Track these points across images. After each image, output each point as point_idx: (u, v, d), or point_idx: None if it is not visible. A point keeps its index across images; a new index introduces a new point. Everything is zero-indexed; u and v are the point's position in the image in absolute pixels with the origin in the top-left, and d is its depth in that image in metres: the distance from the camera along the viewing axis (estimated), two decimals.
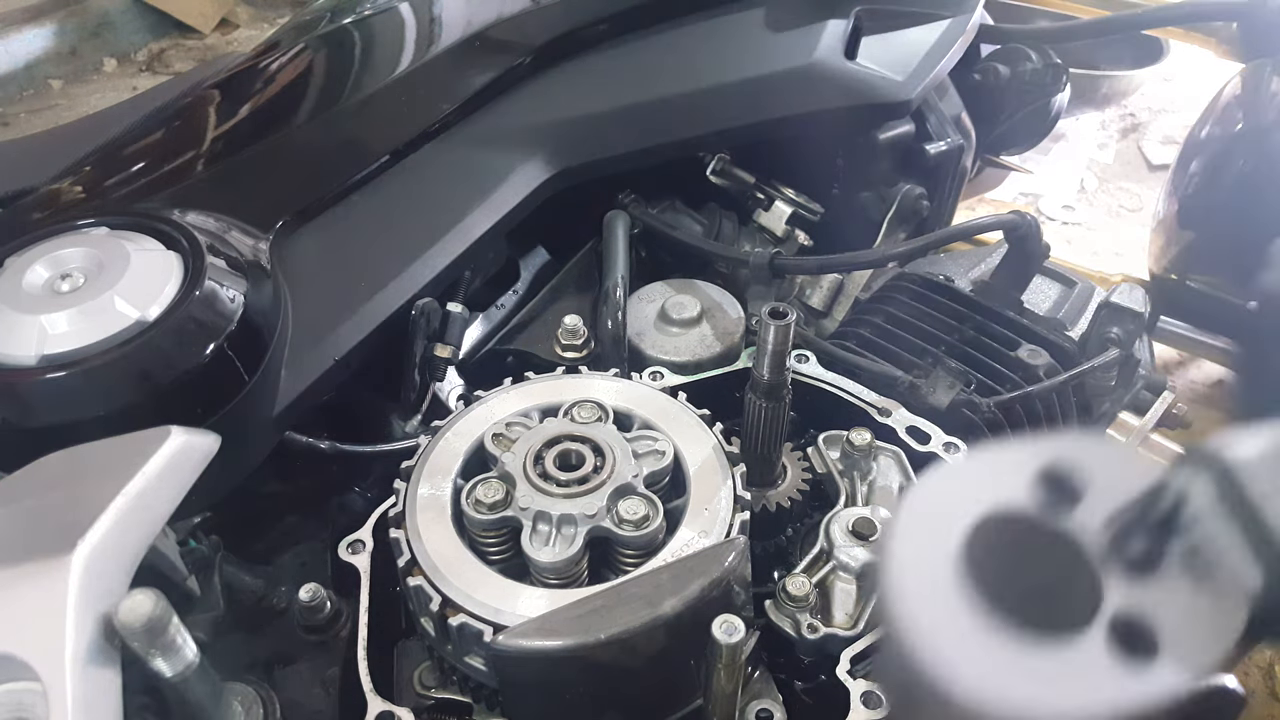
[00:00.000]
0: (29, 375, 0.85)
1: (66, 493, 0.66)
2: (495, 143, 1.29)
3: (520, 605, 0.74)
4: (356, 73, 1.46)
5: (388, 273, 1.12)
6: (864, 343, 1.21)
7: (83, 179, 1.22)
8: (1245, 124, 1.68)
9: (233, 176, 1.21)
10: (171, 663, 0.59)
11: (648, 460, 0.83)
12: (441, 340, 1.14)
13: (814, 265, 1.34)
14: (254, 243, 1.07)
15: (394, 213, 1.20)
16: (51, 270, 0.93)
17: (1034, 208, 3.41)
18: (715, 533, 0.78)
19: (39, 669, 0.55)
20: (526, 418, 0.89)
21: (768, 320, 0.85)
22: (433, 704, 0.83)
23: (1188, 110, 3.74)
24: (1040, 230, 1.24)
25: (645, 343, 1.17)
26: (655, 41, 1.44)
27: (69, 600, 0.57)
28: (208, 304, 0.92)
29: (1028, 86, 1.73)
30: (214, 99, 1.37)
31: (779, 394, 0.91)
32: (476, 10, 1.51)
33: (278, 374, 0.99)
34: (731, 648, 0.67)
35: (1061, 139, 3.76)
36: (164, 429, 0.69)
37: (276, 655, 0.92)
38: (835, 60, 1.37)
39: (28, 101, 4.59)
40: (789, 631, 0.83)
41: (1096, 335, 1.21)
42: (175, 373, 0.89)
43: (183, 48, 5.08)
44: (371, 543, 0.87)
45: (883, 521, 0.86)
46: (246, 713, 0.79)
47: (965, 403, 1.09)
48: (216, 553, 0.94)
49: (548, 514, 0.77)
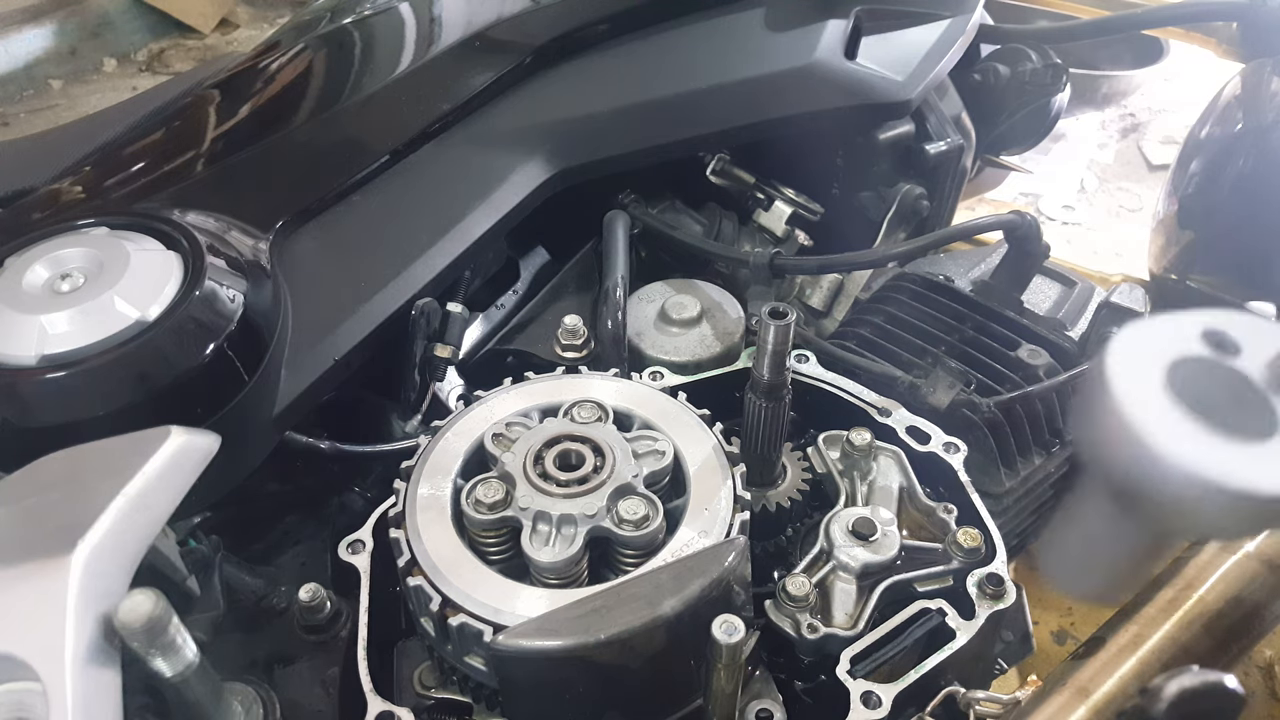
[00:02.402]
0: (29, 375, 0.85)
1: (66, 493, 0.66)
2: (495, 143, 1.29)
3: (520, 605, 0.74)
4: (356, 73, 1.46)
5: (388, 273, 1.12)
6: (864, 343, 1.21)
7: (83, 179, 1.22)
8: (1245, 124, 1.68)
9: (233, 176, 1.21)
10: (171, 663, 0.59)
11: (648, 460, 0.83)
12: (441, 340, 1.14)
13: (814, 265, 1.33)
14: (254, 243, 1.07)
15: (394, 213, 1.20)
16: (51, 270, 0.93)
17: (1034, 208, 3.41)
18: (715, 533, 0.78)
19: (39, 669, 0.55)
20: (526, 418, 0.89)
21: (768, 320, 0.85)
22: (433, 704, 0.83)
23: (1188, 110, 3.74)
24: (1040, 230, 1.24)
25: (645, 343, 1.17)
26: (655, 41, 1.44)
27: (69, 600, 0.57)
28: (208, 304, 0.92)
29: (1028, 86, 1.73)
30: (214, 99, 1.37)
31: (779, 394, 0.91)
32: (476, 10, 1.51)
33: (278, 374, 0.99)
34: (731, 648, 0.67)
35: (1061, 139, 3.76)
36: (164, 429, 0.69)
37: (276, 655, 0.92)
38: (835, 60, 1.37)
39: (28, 101, 4.59)
40: (789, 631, 0.83)
41: (1096, 335, 1.21)
42: (175, 373, 0.89)
43: (183, 48, 5.08)
44: (371, 543, 0.87)
45: (1098, 360, 0.68)
46: (246, 713, 0.79)
47: (965, 403, 1.09)
48: (216, 553, 0.94)
49: (548, 514, 0.77)
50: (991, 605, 0.84)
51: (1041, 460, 1.16)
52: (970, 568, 0.87)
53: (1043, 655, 1.91)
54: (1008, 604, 0.84)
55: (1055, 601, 2.08)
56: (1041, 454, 1.16)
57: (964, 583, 0.86)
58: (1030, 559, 1.48)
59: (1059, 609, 2.07)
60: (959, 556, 0.87)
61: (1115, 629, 0.87)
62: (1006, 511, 1.13)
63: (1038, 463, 1.15)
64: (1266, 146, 1.59)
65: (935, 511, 0.93)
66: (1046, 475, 1.18)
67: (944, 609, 0.84)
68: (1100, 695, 0.79)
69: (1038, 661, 1.80)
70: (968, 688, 0.82)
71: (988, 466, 1.11)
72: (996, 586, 0.85)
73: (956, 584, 0.87)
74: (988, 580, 0.85)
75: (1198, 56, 2.08)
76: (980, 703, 0.81)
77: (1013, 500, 1.14)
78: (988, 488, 1.10)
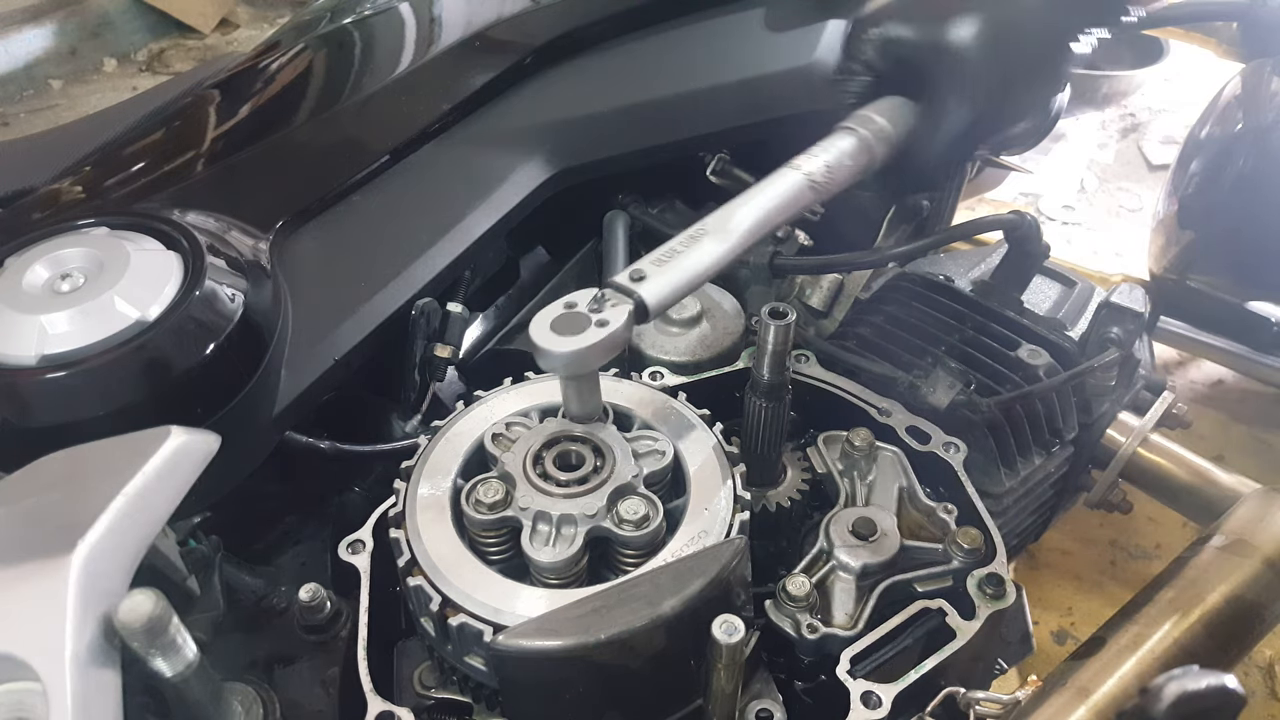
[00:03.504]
0: (29, 375, 0.85)
1: (66, 493, 0.66)
2: (495, 143, 1.29)
3: (520, 605, 0.74)
4: (356, 73, 1.46)
5: (388, 273, 1.12)
6: (864, 343, 1.21)
7: (83, 179, 1.22)
8: (1245, 124, 1.68)
9: (233, 176, 1.21)
10: (171, 663, 0.59)
11: (648, 460, 0.83)
12: (441, 340, 1.14)
13: (814, 265, 1.33)
14: (254, 243, 1.07)
15: (394, 213, 1.20)
16: (51, 270, 0.93)
17: (1034, 208, 3.41)
18: (715, 533, 0.78)
19: (39, 669, 0.55)
20: (526, 418, 0.89)
21: (768, 320, 0.85)
22: (433, 704, 0.83)
23: (1188, 110, 3.74)
24: (1040, 230, 1.24)
25: (645, 343, 1.17)
26: (655, 41, 1.44)
27: (69, 600, 0.57)
28: (208, 304, 0.92)
29: None
30: (214, 99, 1.37)
31: (779, 394, 0.91)
32: (476, 10, 1.51)
33: (278, 374, 0.99)
34: (731, 648, 0.67)
35: (1061, 139, 3.76)
36: (164, 429, 0.69)
37: (276, 655, 0.92)
38: (835, 60, 1.36)
39: (28, 101, 4.60)
40: (789, 631, 0.83)
41: (1096, 335, 1.21)
42: (175, 373, 0.89)
43: (183, 48, 5.08)
44: (371, 543, 0.87)
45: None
46: (246, 713, 0.79)
47: (965, 403, 1.09)
48: (216, 553, 0.94)
49: (548, 514, 0.78)
50: (991, 605, 0.84)
51: (1041, 460, 1.16)
52: (970, 568, 0.87)
53: (1043, 655, 1.91)
54: (1008, 604, 0.84)
55: (1055, 601, 2.09)
56: (1041, 454, 1.16)
57: (964, 583, 0.86)
58: (1030, 559, 1.48)
59: (1059, 609, 2.08)
60: (959, 556, 0.87)
61: (1115, 629, 0.87)
62: (1006, 511, 1.13)
63: (1038, 463, 1.15)
64: (1266, 146, 1.59)
65: (935, 511, 0.93)
66: (1046, 475, 1.18)
67: (944, 609, 0.84)
68: (1100, 695, 0.79)
69: (1038, 661, 1.80)
70: (968, 688, 0.82)
71: (988, 466, 1.11)
72: (996, 586, 0.85)
73: (956, 584, 0.87)
74: (988, 580, 0.85)
75: (1198, 56, 2.08)
76: (980, 703, 0.81)
77: (1013, 500, 1.14)
78: (988, 488, 1.10)
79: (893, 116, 0.99)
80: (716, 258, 0.85)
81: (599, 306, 0.79)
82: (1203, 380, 2.61)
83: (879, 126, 0.98)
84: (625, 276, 0.82)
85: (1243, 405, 2.52)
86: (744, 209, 0.90)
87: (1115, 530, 2.21)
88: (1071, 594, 2.10)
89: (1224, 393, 2.57)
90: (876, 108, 1.00)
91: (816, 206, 1.44)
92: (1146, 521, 2.21)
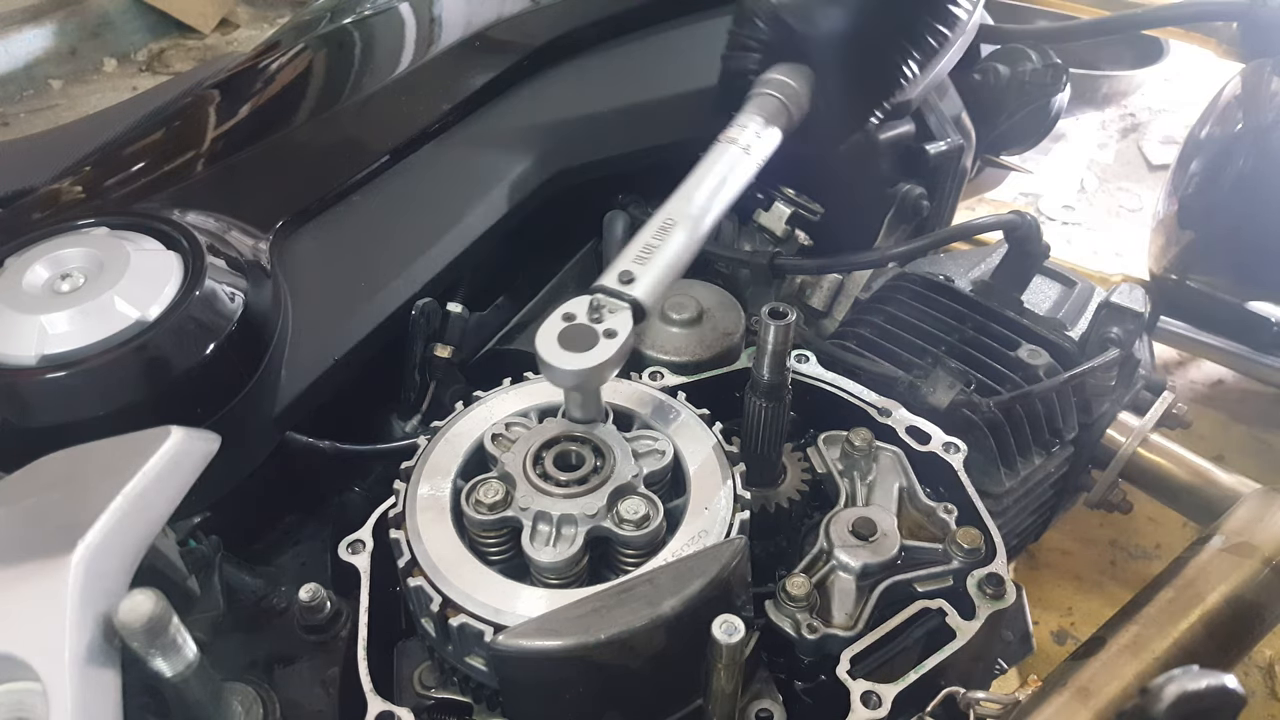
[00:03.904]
0: (29, 375, 0.85)
1: (66, 493, 0.66)
2: (495, 143, 1.29)
3: (520, 605, 0.74)
4: (356, 73, 1.46)
5: (388, 273, 1.12)
6: (864, 343, 1.21)
7: (83, 179, 1.22)
8: (1245, 124, 1.68)
9: (233, 176, 1.21)
10: (171, 663, 0.59)
11: (648, 460, 0.83)
12: (441, 340, 1.14)
13: (814, 265, 1.33)
14: (254, 243, 1.07)
15: (394, 213, 1.20)
16: (51, 270, 0.93)
17: (1034, 208, 3.41)
18: (715, 533, 0.78)
19: (39, 669, 0.55)
20: (526, 418, 0.89)
21: (768, 320, 0.85)
22: (433, 704, 0.83)
23: (1188, 110, 3.74)
24: (1040, 230, 1.25)
25: (645, 343, 1.17)
26: (655, 42, 1.44)
27: (69, 600, 0.57)
28: (208, 304, 0.92)
29: (1028, 86, 1.73)
30: (214, 99, 1.37)
31: (779, 394, 0.91)
32: (476, 11, 1.51)
33: (278, 374, 0.99)
34: (731, 648, 0.67)
35: (1061, 139, 3.76)
36: (164, 429, 0.69)
37: (276, 655, 0.92)
38: None
39: (28, 101, 4.59)
40: (789, 631, 0.83)
41: (1096, 335, 1.21)
42: (175, 373, 0.89)
43: (183, 48, 5.08)
44: (371, 543, 0.87)
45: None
46: (246, 713, 0.79)
47: (965, 403, 1.09)
48: (216, 553, 0.94)
49: (548, 514, 0.78)
50: (991, 605, 0.84)
51: (1041, 460, 1.16)
52: (970, 568, 0.87)
53: (1043, 655, 1.91)
54: (1008, 604, 0.84)
55: (1055, 601, 2.09)
56: (1041, 454, 1.16)
57: (964, 583, 0.86)
58: (1030, 559, 1.48)
59: (1059, 609, 2.08)
60: (959, 556, 0.87)
61: (1115, 629, 0.87)
62: (1006, 511, 1.13)
63: (1038, 463, 1.16)
64: (1266, 146, 1.59)
65: (935, 511, 0.93)
66: (1046, 475, 1.18)
67: (944, 609, 0.84)
68: (1100, 695, 0.79)
69: (1038, 661, 1.80)
70: (968, 688, 0.82)
71: (988, 466, 1.11)
72: (996, 586, 0.85)
73: (956, 584, 0.87)
74: (988, 580, 0.85)
75: (1198, 56, 2.08)
76: (980, 703, 0.81)
77: (1013, 500, 1.14)
78: (988, 488, 1.10)
79: (794, 77, 1.09)
80: (691, 244, 0.91)
81: (599, 315, 0.79)
82: (1203, 380, 2.61)
83: (789, 87, 1.08)
84: (614, 280, 0.84)
85: (1243, 405, 2.52)
86: (699, 191, 0.96)
87: (1115, 530, 2.21)
88: (1071, 594, 2.10)
89: (1224, 393, 2.57)
90: (779, 71, 1.10)
91: (816, 206, 1.45)
92: (1146, 521, 2.21)
